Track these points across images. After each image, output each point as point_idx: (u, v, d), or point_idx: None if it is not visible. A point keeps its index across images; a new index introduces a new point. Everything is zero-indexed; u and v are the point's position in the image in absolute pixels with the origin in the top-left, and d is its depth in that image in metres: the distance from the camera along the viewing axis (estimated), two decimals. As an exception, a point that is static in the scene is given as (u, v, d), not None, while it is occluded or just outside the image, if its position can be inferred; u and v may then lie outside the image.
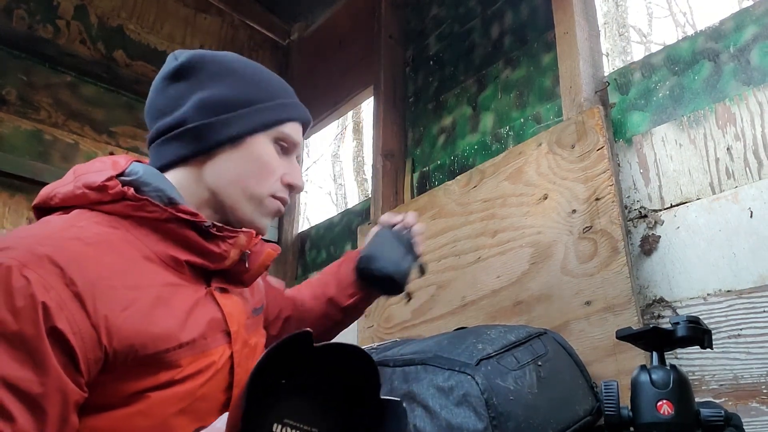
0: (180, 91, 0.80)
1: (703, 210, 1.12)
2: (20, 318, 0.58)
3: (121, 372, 0.65)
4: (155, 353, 0.67)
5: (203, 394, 0.72)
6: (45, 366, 0.59)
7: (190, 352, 0.71)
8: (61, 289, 0.62)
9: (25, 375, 0.58)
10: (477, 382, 0.79)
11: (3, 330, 0.58)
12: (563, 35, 1.41)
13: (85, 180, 0.73)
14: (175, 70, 0.81)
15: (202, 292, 0.76)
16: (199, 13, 2.43)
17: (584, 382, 0.97)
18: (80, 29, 2.07)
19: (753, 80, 1.12)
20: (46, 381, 0.59)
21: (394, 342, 1.11)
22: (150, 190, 0.74)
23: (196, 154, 0.78)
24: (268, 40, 2.65)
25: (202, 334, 0.73)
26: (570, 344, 1.05)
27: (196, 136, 0.78)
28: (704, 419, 0.70)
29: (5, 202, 1.79)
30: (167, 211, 0.73)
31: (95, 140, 2.02)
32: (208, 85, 0.80)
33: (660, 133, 1.23)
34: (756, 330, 1.00)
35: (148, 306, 0.68)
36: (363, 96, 2.21)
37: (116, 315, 0.65)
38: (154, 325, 0.68)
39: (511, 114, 1.60)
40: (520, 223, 1.31)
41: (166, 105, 0.80)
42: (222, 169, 0.79)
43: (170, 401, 0.68)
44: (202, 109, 0.78)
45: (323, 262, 2.14)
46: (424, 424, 0.79)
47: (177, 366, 0.69)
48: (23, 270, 0.60)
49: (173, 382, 0.68)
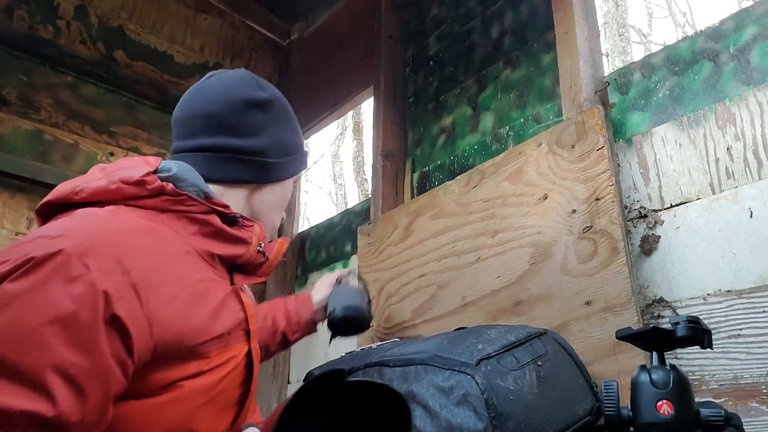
0: (259, 120, 0.89)
1: (703, 210, 1.12)
2: (78, 304, 0.60)
3: (159, 362, 0.68)
4: (193, 345, 0.72)
5: (224, 386, 0.77)
6: (96, 354, 0.61)
7: (218, 345, 0.76)
8: (119, 278, 0.64)
9: (75, 360, 0.59)
10: (477, 382, 0.79)
11: (60, 314, 0.59)
12: (563, 35, 1.41)
13: (121, 175, 0.76)
14: (263, 101, 0.90)
15: (228, 288, 0.82)
16: (200, 13, 2.43)
17: (584, 382, 0.97)
18: (80, 29, 2.07)
19: (753, 80, 1.12)
20: (94, 369, 0.60)
21: (394, 342, 1.11)
22: (187, 185, 0.80)
23: (258, 181, 0.91)
24: (268, 40, 2.65)
25: (228, 329, 0.78)
26: (570, 344, 1.05)
27: (267, 169, 0.90)
28: (704, 419, 0.70)
29: (5, 202, 1.79)
30: (205, 204, 0.79)
31: (95, 140, 2.02)
32: (281, 125, 0.93)
33: (660, 133, 1.23)
34: (756, 330, 1.00)
35: (188, 299, 0.73)
36: (363, 96, 2.21)
37: (164, 307, 0.68)
38: (194, 318, 0.73)
39: (511, 114, 1.61)
40: (520, 223, 1.31)
41: (242, 127, 0.88)
42: (265, 200, 0.93)
43: (199, 391, 0.73)
44: (279, 148, 0.92)
45: (323, 262, 2.14)
46: (424, 424, 0.79)
47: (206, 357, 0.74)
48: (83, 258, 0.62)
49: (201, 373, 0.73)
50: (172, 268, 0.72)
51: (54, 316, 0.59)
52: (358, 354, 1.05)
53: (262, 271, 0.89)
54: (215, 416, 0.76)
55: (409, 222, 1.61)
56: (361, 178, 8.08)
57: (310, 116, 2.40)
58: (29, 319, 0.58)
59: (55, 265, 0.61)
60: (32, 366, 0.57)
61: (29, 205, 1.83)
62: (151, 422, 0.68)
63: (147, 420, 0.68)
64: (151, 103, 2.19)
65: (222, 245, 0.81)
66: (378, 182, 1.86)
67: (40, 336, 0.58)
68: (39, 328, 0.58)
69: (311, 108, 2.41)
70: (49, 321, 0.59)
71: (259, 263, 0.88)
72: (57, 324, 0.59)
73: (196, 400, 0.72)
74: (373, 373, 0.93)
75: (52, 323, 0.59)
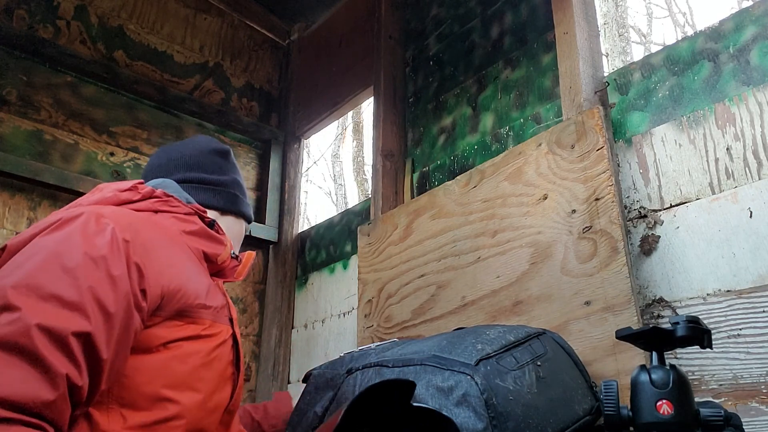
0: (222, 163, 1.11)
1: (702, 210, 1.12)
2: (105, 248, 0.73)
3: (163, 317, 0.80)
4: (192, 304, 0.84)
5: (218, 354, 0.87)
6: (121, 292, 0.72)
7: (211, 315, 0.87)
8: (133, 234, 0.78)
9: (105, 293, 0.70)
10: (476, 382, 0.79)
11: (92, 254, 0.71)
12: (563, 35, 1.41)
13: (115, 186, 0.91)
14: (224, 150, 1.13)
15: (212, 282, 0.95)
16: (200, 13, 2.43)
17: (583, 382, 0.97)
18: (80, 29, 2.07)
19: (752, 80, 1.12)
20: (120, 304, 0.72)
21: (393, 342, 1.11)
22: (173, 191, 0.97)
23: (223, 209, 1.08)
24: (268, 40, 2.65)
25: (217, 306, 0.90)
26: (569, 344, 1.05)
27: (232, 200, 1.10)
28: (704, 419, 0.70)
29: (5, 202, 1.79)
30: (188, 206, 0.95)
31: (95, 140, 2.02)
32: (237, 173, 1.15)
33: (659, 134, 1.23)
34: (755, 330, 1.00)
35: (186, 269, 0.86)
36: (363, 96, 2.21)
37: (167, 267, 0.81)
38: (193, 282, 0.85)
39: (511, 114, 1.61)
40: (519, 223, 1.31)
41: (210, 165, 1.09)
42: (231, 227, 1.10)
43: (198, 353, 0.83)
44: (240, 187, 1.13)
45: (323, 262, 2.15)
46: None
47: (202, 323, 0.85)
48: (101, 219, 0.76)
49: (198, 337, 0.84)
50: (172, 244, 0.86)
51: (88, 257, 0.71)
52: (356, 354, 1.05)
53: (237, 273, 1.04)
54: (215, 381, 0.86)
55: (409, 222, 1.61)
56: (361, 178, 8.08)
57: (310, 116, 2.40)
58: (64, 259, 0.70)
59: (80, 221, 0.74)
60: (71, 290, 0.67)
61: (29, 204, 1.83)
62: (158, 375, 0.78)
63: (154, 373, 0.78)
64: (151, 102, 2.18)
65: (206, 243, 0.96)
66: (378, 182, 1.86)
67: (76, 270, 0.69)
68: (75, 266, 0.69)
69: (311, 108, 2.41)
70: (84, 260, 0.70)
71: (233, 267, 1.03)
72: (91, 262, 0.70)
73: (196, 360, 0.82)
74: (371, 373, 0.93)
75: (86, 262, 0.70)
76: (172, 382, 0.79)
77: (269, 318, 2.21)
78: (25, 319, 0.63)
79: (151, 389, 0.76)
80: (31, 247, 0.72)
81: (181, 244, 0.90)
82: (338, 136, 9.23)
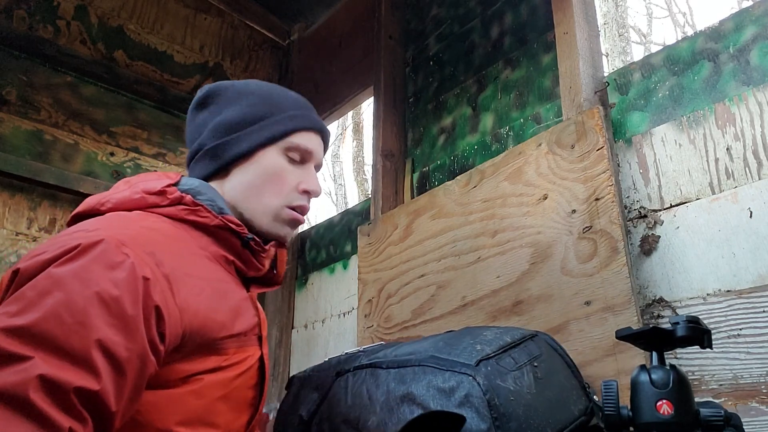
0: (203, 118, 0.91)
1: (702, 210, 1.12)
2: (121, 287, 0.65)
3: (184, 353, 0.72)
4: (215, 338, 0.75)
5: (239, 384, 0.79)
6: (135, 334, 0.65)
7: (236, 343, 0.79)
8: (153, 268, 0.69)
9: (117, 339, 0.63)
10: (478, 382, 0.79)
11: (104, 296, 0.64)
12: (563, 35, 1.41)
13: (144, 186, 0.82)
14: (199, 100, 0.92)
15: (244, 294, 0.85)
16: (200, 13, 2.43)
17: (577, 383, 0.97)
18: (80, 29, 2.07)
19: (752, 80, 1.12)
20: (133, 348, 0.64)
21: (381, 345, 1.09)
22: (204, 199, 0.83)
23: (215, 172, 0.87)
24: (268, 40, 2.65)
25: (245, 330, 0.81)
26: (568, 345, 1.05)
27: (212, 156, 0.87)
28: (704, 419, 0.70)
29: (5, 202, 1.79)
30: (218, 218, 0.82)
31: (95, 140, 2.02)
32: (224, 110, 0.89)
33: (660, 134, 1.23)
34: (755, 330, 1.00)
35: (212, 295, 0.76)
36: (363, 96, 2.21)
37: (192, 299, 0.73)
38: (217, 313, 0.76)
39: (511, 114, 1.61)
40: (519, 223, 1.31)
41: (192, 132, 0.91)
42: (237, 184, 0.87)
43: (216, 385, 0.76)
44: (216, 131, 0.88)
45: (323, 263, 2.14)
46: (425, 425, 0.79)
47: (225, 353, 0.77)
48: (122, 247, 0.67)
49: (219, 368, 0.76)
50: (197, 265, 0.77)
51: (100, 298, 0.63)
52: (343, 358, 1.03)
53: (274, 281, 0.93)
54: (232, 412, 0.79)
55: (409, 222, 1.61)
56: (361, 178, 8.09)
57: (310, 116, 2.39)
58: (76, 300, 0.63)
59: (98, 251, 0.66)
60: (79, 343, 0.61)
61: (29, 205, 1.83)
62: (173, 411, 0.72)
63: (169, 409, 0.72)
64: (151, 102, 2.19)
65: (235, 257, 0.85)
66: (378, 182, 1.86)
67: (86, 315, 0.62)
68: (85, 308, 0.62)
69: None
70: (95, 303, 0.63)
71: (271, 276, 0.92)
72: (102, 305, 0.63)
73: (214, 393, 0.75)
74: (364, 375, 0.93)
75: (97, 305, 0.63)
76: (186, 418, 0.73)
77: (269, 318, 2.21)
78: (29, 370, 0.58)
79: (164, 426, 0.71)
80: (43, 281, 0.64)
81: (208, 262, 0.80)
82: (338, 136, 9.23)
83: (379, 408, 0.85)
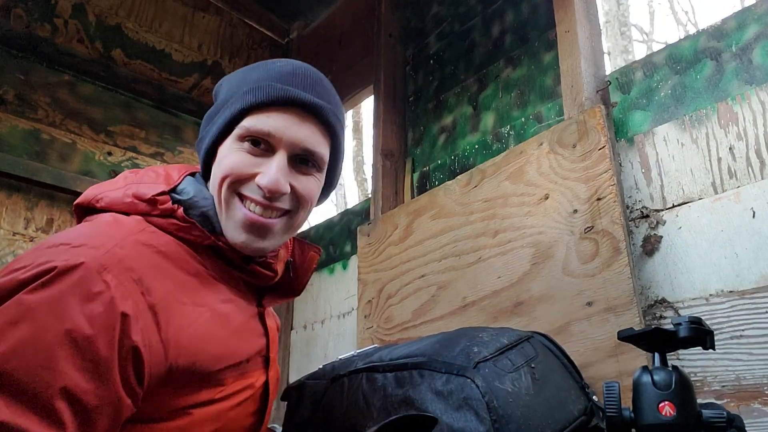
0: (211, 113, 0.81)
1: (705, 210, 1.11)
2: (95, 325, 0.57)
3: (173, 386, 0.65)
4: (208, 372, 0.68)
5: (234, 415, 0.73)
6: (107, 379, 0.58)
7: (236, 371, 0.72)
8: (138, 299, 0.61)
9: (85, 386, 0.56)
10: (477, 384, 0.78)
11: (76, 336, 0.56)
12: (564, 34, 1.40)
13: (136, 190, 0.73)
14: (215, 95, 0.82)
15: (253, 310, 0.79)
16: (198, 11, 2.42)
17: (575, 383, 0.96)
18: (78, 28, 2.06)
19: (755, 79, 1.11)
20: (105, 394, 0.58)
21: (374, 348, 1.08)
22: (196, 215, 0.74)
23: (205, 173, 0.79)
24: (267, 38, 2.64)
25: (248, 356, 0.75)
26: (565, 346, 1.04)
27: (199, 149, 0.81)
28: (706, 420, 0.69)
29: (2, 202, 1.78)
30: (210, 238, 0.73)
31: (93, 139, 2.01)
32: (220, 97, 0.80)
33: (662, 133, 1.22)
34: (758, 331, 0.99)
35: (208, 324, 0.69)
36: (363, 95, 2.21)
37: (182, 331, 0.65)
38: (212, 344, 0.69)
39: (512, 113, 1.60)
40: (521, 223, 1.31)
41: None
42: (211, 187, 0.78)
43: (207, 419, 0.69)
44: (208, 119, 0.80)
45: (323, 263, 2.14)
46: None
47: (221, 385, 0.70)
48: (103, 273, 0.60)
49: (212, 401, 0.69)
50: (193, 288, 0.70)
51: (70, 338, 0.56)
52: (337, 363, 1.02)
53: (294, 289, 0.86)
54: None
55: (409, 222, 1.61)
56: (361, 178, 8.08)
57: (310, 115, 2.39)
58: (44, 337, 0.56)
59: (75, 279, 0.58)
60: (43, 388, 0.54)
61: (26, 204, 1.82)
62: None
63: None
64: (149, 101, 2.18)
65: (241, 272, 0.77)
66: (378, 182, 1.85)
67: (53, 357, 0.55)
68: (53, 348, 0.55)
69: (310, 107, 2.39)
70: (64, 342, 0.56)
71: (289, 282, 0.85)
72: (72, 346, 0.56)
73: (204, 428, 0.69)
74: (360, 379, 0.92)
75: (67, 345, 0.56)
76: None
77: (268, 318, 2.20)
78: None
79: None
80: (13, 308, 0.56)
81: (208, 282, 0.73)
82: (338, 136, 9.21)
83: (377, 413, 0.84)
